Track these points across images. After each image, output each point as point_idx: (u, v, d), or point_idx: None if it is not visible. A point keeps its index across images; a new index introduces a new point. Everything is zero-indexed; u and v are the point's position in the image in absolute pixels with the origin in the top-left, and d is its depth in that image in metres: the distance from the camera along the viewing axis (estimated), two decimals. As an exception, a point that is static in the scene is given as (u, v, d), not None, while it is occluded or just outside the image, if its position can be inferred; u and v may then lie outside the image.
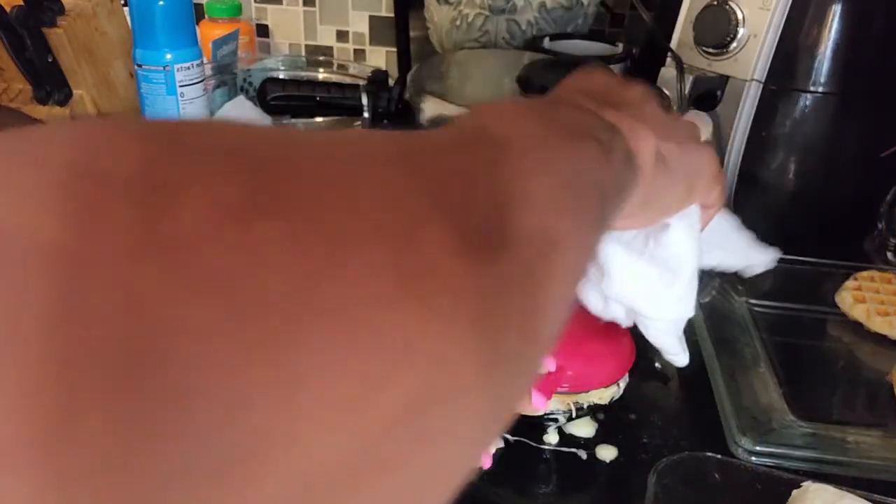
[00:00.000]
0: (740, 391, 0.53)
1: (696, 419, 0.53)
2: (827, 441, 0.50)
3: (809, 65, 0.70)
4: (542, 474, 0.48)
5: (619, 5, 1.11)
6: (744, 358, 0.58)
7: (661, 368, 0.57)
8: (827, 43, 0.70)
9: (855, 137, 0.74)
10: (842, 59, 0.70)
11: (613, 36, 1.02)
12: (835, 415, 0.54)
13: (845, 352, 0.62)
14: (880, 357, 0.61)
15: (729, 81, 0.72)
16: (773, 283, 0.68)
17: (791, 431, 0.51)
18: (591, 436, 0.51)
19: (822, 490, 0.43)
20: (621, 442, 0.50)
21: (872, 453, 0.50)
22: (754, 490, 0.45)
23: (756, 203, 0.76)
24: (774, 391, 0.54)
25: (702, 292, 0.64)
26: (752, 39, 0.70)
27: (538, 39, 0.93)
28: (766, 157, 0.74)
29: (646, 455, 0.50)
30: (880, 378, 0.58)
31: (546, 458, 0.49)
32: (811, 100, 0.71)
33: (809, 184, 0.75)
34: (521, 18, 0.94)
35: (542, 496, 0.47)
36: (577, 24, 0.97)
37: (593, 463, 0.49)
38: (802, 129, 0.73)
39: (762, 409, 0.52)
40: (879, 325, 0.62)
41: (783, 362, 0.58)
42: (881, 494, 0.44)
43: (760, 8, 0.70)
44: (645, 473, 0.45)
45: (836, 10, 0.69)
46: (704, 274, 0.66)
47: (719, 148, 0.74)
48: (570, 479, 0.48)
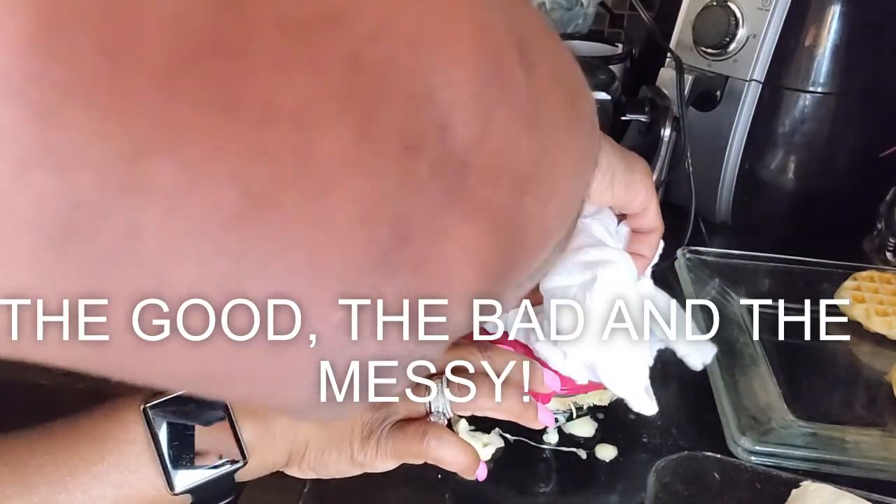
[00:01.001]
0: (740, 391, 0.53)
1: (696, 419, 0.53)
2: (826, 441, 0.50)
3: (809, 65, 0.71)
4: (541, 474, 0.48)
5: (618, 5, 1.11)
6: (743, 358, 0.58)
7: (661, 369, 0.57)
8: (826, 43, 0.70)
9: (854, 137, 0.74)
10: (841, 60, 0.70)
11: (613, 36, 1.02)
12: (834, 415, 0.55)
13: (844, 352, 0.62)
14: (879, 357, 0.61)
15: (728, 81, 0.72)
16: (772, 283, 0.68)
17: (790, 431, 0.51)
18: (591, 435, 0.51)
19: (821, 490, 0.43)
20: (621, 441, 0.50)
21: (871, 453, 0.50)
22: (754, 490, 0.45)
23: (755, 203, 0.76)
24: (774, 391, 0.54)
25: (700, 293, 0.64)
26: (751, 40, 0.70)
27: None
28: (766, 157, 0.74)
29: (645, 454, 0.50)
30: (879, 378, 0.58)
31: (546, 457, 0.49)
32: (811, 100, 0.71)
33: (809, 184, 0.75)
34: (520, 19, 0.94)
35: (542, 495, 0.47)
36: (576, 25, 0.97)
37: (593, 462, 0.49)
38: (802, 129, 0.73)
39: (761, 408, 0.53)
40: (878, 325, 0.62)
41: (782, 362, 0.58)
42: (880, 494, 0.44)
43: (760, 8, 0.70)
44: (644, 473, 0.45)
45: (836, 10, 0.69)
46: (703, 275, 0.66)
47: (719, 148, 0.74)
48: (569, 478, 0.48)
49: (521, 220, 0.17)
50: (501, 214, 0.17)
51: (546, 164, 0.18)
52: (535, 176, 0.17)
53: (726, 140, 0.73)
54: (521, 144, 0.17)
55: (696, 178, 0.70)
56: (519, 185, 0.17)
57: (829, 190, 0.75)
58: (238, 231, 0.13)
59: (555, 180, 0.19)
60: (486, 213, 0.16)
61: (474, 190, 0.16)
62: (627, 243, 0.47)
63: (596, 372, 0.43)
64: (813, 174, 0.75)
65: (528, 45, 0.17)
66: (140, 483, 0.37)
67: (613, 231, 0.47)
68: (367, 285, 0.15)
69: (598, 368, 0.43)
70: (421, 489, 0.46)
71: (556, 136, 0.18)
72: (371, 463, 0.41)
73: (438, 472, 0.44)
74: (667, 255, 0.52)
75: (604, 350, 0.41)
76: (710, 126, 0.74)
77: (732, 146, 0.73)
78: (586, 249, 0.43)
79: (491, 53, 0.16)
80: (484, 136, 0.15)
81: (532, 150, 0.17)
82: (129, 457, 0.37)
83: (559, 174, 0.19)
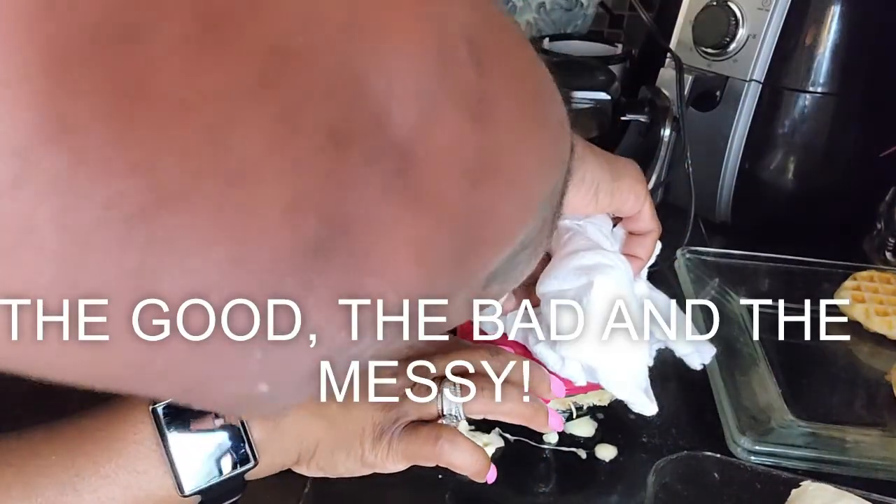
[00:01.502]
0: (739, 391, 0.53)
1: (696, 419, 0.53)
2: (826, 441, 0.50)
3: (809, 65, 0.71)
4: (541, 474, 0.48)
5: (618, 6, 1.11)
6: (743, 358, 0.58)
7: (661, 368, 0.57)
8: (826, 43, 0.70)
9: (854, 137, 0.74)
10: (841, 60, 0.70)
11: (613, 36, 1.02)
12: (834, 414, 0.55)
13: (844, 352, 0.62)
14: (879, 357, 0.61)
15: (728, 81, 0.72)
16: (772, 283, 0.68)
17: (790, 431, 0.51)
18: (591, 435, 0.51)
19: (821, 489, 0.43)
20: (621, 441, 0.50)
21: (871, 453, 0.50)
22: (753, 490, 0.45)
23: (755, 203, 0.76)
24: (774, 391, 0.54)
25: (700, 293, 0.64)
26: (751, 40, 0.70)
27: (537, 40, 0.93)
28: (766, 158, 0.74)
29: (645, 454, 0.50)
30: (879, 378, 0.58)
31: (546, 457, 0.49)
32: (810, 100, 0.72)
33: (808, 184, 0.75)
34: (520, 19, 0.94)
35: (542, 495, 0.47)
36: (576, 25, 0.97)
37: (593, 462, 0.49)
38: (802, 130, 0.73)
39: (761, 408, 0.53)
40: (878, 325, 0.62)
41: (782, 362, 0.58)
42: (880, 494, 0.44)
43: (760, 8, 0.70)
44: (644, 473, 0.45)
45: (836, 10, 0.69)
46: (703, 275, 0.66)
47: (719, 148, 0.74)
48: (569, 478, 0.48)
49: (473, 213, 0.17)
50: (449, 207, 0.16)
51: (502, 160, 0.17)
52: (487, 170, 0.17)
53: (726, 140, 0.73)
54: (469, 138, 0.16)
55: (695, 178, 0.70)
56: (468, 179, 0.16)
57: (829, 190, 0.75)
58: (144, 225, 0.13)
59: (512, 177, 0.18)
60: (432, 205, 0.16)
61: (418, 182, 0.15)
62: (623, 244, 0.48)
63: (595, 374, 0.43)
64: (813, 174, 0.75)
65: (482, 42, 0.17)
66: (149, 484, 0.37)
67: (609, 233, 0.47)
68: (296, 281, 0.14)
69: (596, 371, 0.43)
70: (421, 489, 0.46)
71: (514, 134, 0.18)
72: (382, 464, 0.41)
73: (439, 472, 0.44)
74: (667, 255, 0.52)
75: (602, 352, 0.41)
76: (710, 126, 0.74)
77: (732, 146, 0.73)
78: (582, 253, 0.43)
79: (434, 45, 0.15)
80: (425, 128, 0.15)
81: (482, 145, 0.17)
82: (137, 458, 0.37)
83: (518, 171, 0.18)
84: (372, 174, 0.14)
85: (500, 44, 0.18)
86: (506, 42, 0.19)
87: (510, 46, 0.19)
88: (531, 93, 0.20)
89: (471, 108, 0.16)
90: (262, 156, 0.13)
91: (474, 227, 0.17)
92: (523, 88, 0.19)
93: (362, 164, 0.14)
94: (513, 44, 0.19)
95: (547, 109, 0.21)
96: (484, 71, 0.16)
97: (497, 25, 0.19)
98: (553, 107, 0.21)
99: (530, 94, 0.20)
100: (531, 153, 0.19)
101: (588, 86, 0.70)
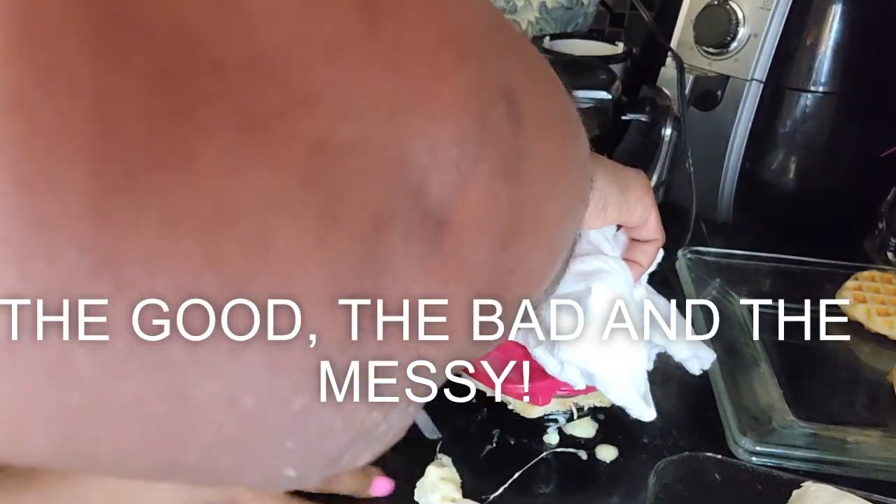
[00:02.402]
0: (740, 391, 0.53)
1: (696, 419, 0.53)
2: (827, 441, 0.50)
3: (810, 65, 0.70)
4: (542, 474, 0.48)
5: (619, 5, 1.11)
6: (744, 358, 0.58)
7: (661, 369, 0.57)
8: (827, 43, 0.70)
9: (855, 137, 0.74)
10: (842, 59, 0.70)
11: (614, 35, 1.01)
12: (835, 415, 0.54)
13: (846, 352, 0.62)
14: (880, 357, 0.61)
15: (729, 81, 0.72)
16: (773, 283, 0.68)
17: (791, 432, 0.51)
18: (592, 436, 0.51)
19: (822, 490, 0.43)
20: (621, 442, 0.50)
21: (873, 453, 0.50)
22: (754, 490, 0.45)
23: (756, 203, 0.76)
24: (775, 391, 0.54)
25: (701, 293, 0.64)
26: (752, 39, 0.70)
27: (539, 39, 0.93)
28: (767, 157, 0.74)
29: (646, 455, 0.50)
30: (880, 378, 0.58)
31: (546, 458, 0.49)
32: (811, 100, 0.71)
33: (809, 184, 0.75)
34: (521, 18, 0.94)
35: (542, 496, 0.47)
36: (577, 24, 0.97)
37: (593, 463, 0.49)
38: (802, 129, 0.73)
39: (762, 409, 0.52)
40: (880, 326, 0.62)
41: (783, 362, 0.58)
42: (881, 495, 0.44)
43: (761, 8, 0.69)
44: (645, 474, 0.45)
45: (837, 10, 0.69)
46: (704, 275, 0.66)
47: (720, 148, 0.74)
48: (570, 479, 0.48)
49: (501, 274, 0.16)
50: (479, 272, 0.16)
51: (531, 214, 0.17)
52: (518, 230, 0.16)
53: (727, 140, 0.73)
54: (503, 198, 0.15)
55: (696, 177, 0.70)
56: (500, 241, 0.16)
57: (831, 190, 0.75)
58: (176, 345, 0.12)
59: (541, 229, 0.18)
60: (465, 273, 0.15)
61: (452, 252, 0.15)
62: (625, 249, 0.47)
63: (593, 379, 0.43)
64: (814, 174, 0.75)
65: (519, 92, 0.16)
66: (152, 496, 0.37)
67: (611, 237, 0.47)
68: (343, 359, 0.14)
69: (594, 375, 0.43)
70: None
71: (544, 184, 0.18)
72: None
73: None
74: (667, 255, 0.52)
75: (601, 354, 0.41)
76: (711, 126, 0.74)
77: (733, 146, 0.73)
78: (582, 258, 0.43)
79: (475, 109, 0.15)
80: (462, 193, 0.14)
81: (515, 203, 0.16)
82: None
83: (546, 222, 0.18)
84: (408, 249, 0.14)
85: (535, 87, 0.18)
86: (541, 86, 0.18)
87: (545, 90, 0.18)
88: (560, 137, 0.19)
89: (506, 167, 0.16)
90: (303, 253, 0.13)
91: (500, 287, 0.17)
92: (554, 134, 0.19)
93: (400, 241, 0.14)
94: (547, 86, 0.19)
95: (574, 151, 0.20)
96: (521, 125, 0.16)
97: (533, 67, 0.18)
98: (578, 146, 0.21)
99: (560, 138, 0.19)
100: (559, 200, 0.19)
101: (589, 85, 0.70)
